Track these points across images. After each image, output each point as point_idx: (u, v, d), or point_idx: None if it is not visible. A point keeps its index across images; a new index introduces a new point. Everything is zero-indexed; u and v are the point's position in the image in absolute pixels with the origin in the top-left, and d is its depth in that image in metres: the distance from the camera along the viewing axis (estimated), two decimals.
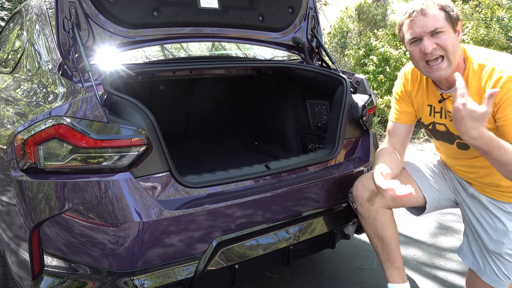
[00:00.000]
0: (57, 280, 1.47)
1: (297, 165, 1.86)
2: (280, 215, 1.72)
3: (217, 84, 2.81)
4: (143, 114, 1.49)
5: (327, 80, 2.18)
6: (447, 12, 1.47)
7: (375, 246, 1.85)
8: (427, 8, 1.47)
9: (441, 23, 1.46)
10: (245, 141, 2.93)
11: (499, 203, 1.64)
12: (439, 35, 1.47)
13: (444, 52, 1.47)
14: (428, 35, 1.47)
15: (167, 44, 2.34)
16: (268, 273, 2.35)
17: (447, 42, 1.46)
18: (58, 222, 1.40)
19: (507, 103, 1.42)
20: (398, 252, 1.82)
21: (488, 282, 1.69)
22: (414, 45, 1.52)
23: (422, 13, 1.47)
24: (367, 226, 1.82)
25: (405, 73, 1.78)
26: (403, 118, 1.81)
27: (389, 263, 1.82)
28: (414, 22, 1.49)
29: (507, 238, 1.62)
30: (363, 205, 1.78)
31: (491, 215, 1.66)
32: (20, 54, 2.06)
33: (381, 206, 1.77)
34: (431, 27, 1.46)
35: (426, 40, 1.47)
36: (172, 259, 1.48)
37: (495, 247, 1.64)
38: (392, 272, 1.82)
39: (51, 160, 1.39)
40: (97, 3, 1.77)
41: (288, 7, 2.30)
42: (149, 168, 1.48)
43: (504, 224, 1.62)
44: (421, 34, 1.49)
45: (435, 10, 1.47)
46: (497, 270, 1.66)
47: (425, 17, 1.47)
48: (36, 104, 1.62)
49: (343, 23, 9.52)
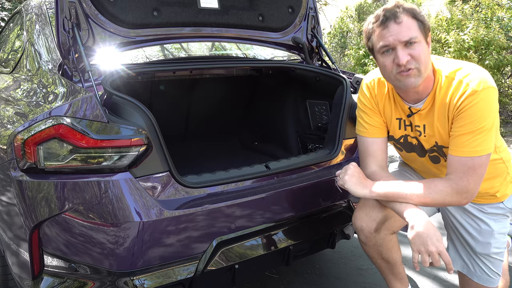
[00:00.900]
0: (57, 280, 1.47)
1: (297, 165, 1.86)
2: (280, 215, 1.72)
3: (217, 84, 2.81)
4: (143, 114, 1.49)
5: (327, 80, 2.18)
6: (420, 21, 1.38)
7: (379, 266, 1.77)
8: (400, 16, 1.37)
9: (416, 32, 1.37)
10: (245, 141, 2.93)
11: (478, 206, 1.63)
12: (413, 46, 1.37)
13: (417, 64, 1.38)
14: (401, 45, 1.37)
15: (167, 44, 2.34)
16: (268, 273, 2.35)
17: (421, 54, 1.37)
18: (58, 222, 1.40)
19: (461, 116, 1.38)
20: (401, 266, 1.77)
21: (479, 282, 1.69)
22: (386, 55, 1.42)
23: (396, 21, 1.37)
24: (371, 251, 1.71)
25: (368, 84, 1.66)
26: (376, 132, 1.65)
27: (393, 276, 1.78)
28: (387, 30, 1.38)
29: (493, 238, 1.62)
30: (369, 236, 1.65)
31: (474, 218, 1.64)
32: (20, 54, 2.06)
33: (387, 233, 1.66)
34: (406, 37, 1.36)
35: (400, 51, 1.37)
36: (172, 259, 1.48)
37: (483, 249, 1.64)
38: (396, 284, 1.79)
39: (51, 160, 1.39)
40: (97, 3, 1.77)
41: (288, 7, 2.30)
42: (149, 168, 1.48)
43: (488, 224, 1.62)
44: (394, 43, 1.38)
45: (409, 18, 1.37)
46: (487, 269, 1.66)
47: (399, 25, 1.36)
48: (36, 104, 1.62)
49: (343, 23, 9.52)
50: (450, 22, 5.73)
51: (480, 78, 1.37)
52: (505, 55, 5.24)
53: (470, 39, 5.08)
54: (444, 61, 1.50)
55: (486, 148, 1.38)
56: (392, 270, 1.76)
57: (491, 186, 1.58)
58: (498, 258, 1.65)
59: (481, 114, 1.35)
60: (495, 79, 5.24)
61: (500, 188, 1.59)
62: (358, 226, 1.66)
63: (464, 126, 1.38)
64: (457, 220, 1.70)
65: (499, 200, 1.61)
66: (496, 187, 1.59)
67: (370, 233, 1.64)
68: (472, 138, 1.37)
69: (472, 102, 1.35)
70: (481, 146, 1.37)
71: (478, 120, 1.36)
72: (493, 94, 1.37)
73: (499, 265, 1.67)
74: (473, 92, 1.35)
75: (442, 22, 5.81)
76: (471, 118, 1.36)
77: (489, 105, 1.36)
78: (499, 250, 1.64)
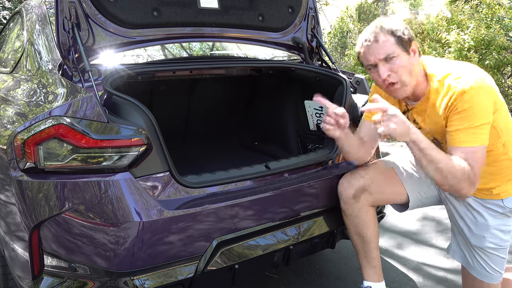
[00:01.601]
0: (57, 280, 1.47)
1: (297, 165, 1.86)
2: (280, 215, 1.72)
3: (217, 84, 2.81)
4: (143, 114, 1.49)
5: (327, 80, 2.18)
6: (397, 36, 1.51)
7: (354, 243, 1.87)
8: (378, 35, 1.52)
9: (392, 48, 1.50)
10: (245, 141, 2.93)
11: (479, 200, 1.65)
12: (392, 61, 1.51)
13: (399, 77, 1.52)
14: (382, 62, 1.52)
15: (167, 44, 2.34)
16: (268, 273, 2.36)
17: (399, 67, 1.51)
18: (58, 222, 1.40)
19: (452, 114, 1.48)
20: (376, 252, 1.85)
21: (477, 276, 1.70)
22: (372, 72, 1.57)
23: (374, 41, 1.52)
24: (349, 223, 1.84)
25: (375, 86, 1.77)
26: None
27: (366, 261, 1.85)
28: (368, 50, 1.54)
29: (488, 232, 1.63)
30: (347, 202, 1.80)
31: (471, 209, 1.67)
32: (20, 54, 2.06)
33: (365, 203, 1.79)
34: (383, 54, 1.51)
35: (381, 67, 1.53)
36: (172, 259, 1.48)
37: (477, 242, 1.66)
38: (369, 271, 1.86)
39: (51, 160, 1.39)
40: (97, 3, 1.77)
41: (288, 7, 2.30)
42: (149, 168, 1.48)
43: (484, 218, 1.63)
44: (375, 61, 1.53)
45: (385, 36, 1.51)
46: (485, 264, 1.67)
47: (377, 44, 1.52)
48: (36, 104, 1.62)
49: (343, 23, 9.53)
50: (451, 22, 5.72)
51: (468, 79, 1.46)
52: (505, 55, 5.23)
53: (470, 39, 5.08)
54: (439, 65, 1.59)
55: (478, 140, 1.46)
56: (366, 253, 1.83)
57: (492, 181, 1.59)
58: (497, 255, 1.65)
59: (472, 112, 1.44)
60: (495, 79, 5.23)
61: (500, 185, 1.60)
62: (339, 191, 1.82)
63: (457, 121, 1.48)
64: (457, 211, 1.73)
65: (499, 197, 1.61)
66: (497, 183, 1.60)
67: (348, 199, 1.78)
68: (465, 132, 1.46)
69: (462, 101, 1.45)
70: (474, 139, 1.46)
71: (470, 117, 1.45)
72: (483, 92, 1.45)
73: (500, 263, 1.66)
74: (462, 92, 1.45)
75: (442, 22, 5.81)
76: (462, 115, 1.46)
77: (478, 102, 1.44)
78: (497, 246, 1.64)
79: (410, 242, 2.79)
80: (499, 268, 1.67)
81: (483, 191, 1.62)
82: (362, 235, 1.82)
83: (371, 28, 1.56)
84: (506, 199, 1.61)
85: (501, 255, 1.66)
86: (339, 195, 1.82)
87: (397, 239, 2.84)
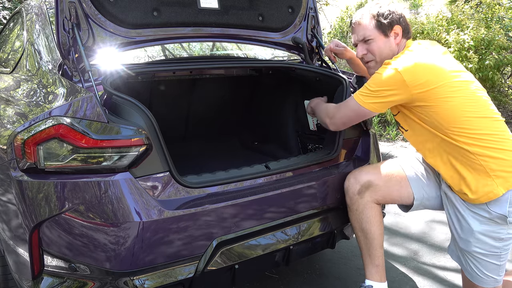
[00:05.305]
0: (57, 280, 1.47)
1: (297, 165, 1.87)
2: (280, 215, 1.72)
3: (217, 84, 2.81)
4: (143, 114, 1.49)
5: (327, 80, 2.18)
6: (378, 20, 1.72)
7: (358, 240, 1.87)
8: (361, 19, 1.76)
9: (370, 31, 1.73)
10: (245, 141, 2.93)
11: (465, 202, 1.63)
12: (369, 42, 1.75)
13: (373, 57, 1.76)
14: (361, 42, 1.78)
15: (167, 44, 2.34)
16: (268, 273, 2.36)
17: (375, 48, 1.74)
18: (58, 222, 1.40)
19: None
20: (380, 250, 1.84)
21: (471, 279, 1.70)
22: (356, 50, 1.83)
23: (358, 24, 1.77)
24: (353, 218, 1.85)
25: None
26: None
27: (369, 259, 1.84)
28: (353, 31, 1.81)
29: (473, 237, 1.61)
30: (353, 197, 1.82)
31: (457, 212, 1.67)
32: (20, 54, 2.06)
33: (370, 200, 1.80)
34: (361, 36, 1.76)
35: (359, 47, 1.79)
36: (172, 259, 1.48)
37: (464, 245, 1.66)
38: (371, 269, 1.85)
39: (51, 160, 1.39)
40: (97, 3, 1.77)
41: (288, 7, 2.30)
42: (149, 168, 1.48)
43: (468, 223, 1.62)
44: (355, 41, 1.81)
45: (367, 19, 1.74)
46: (476, 268, 1.66)
47: (359, 27, 1.77)
48: (36, 104, 1.62)
49: (343, 23, 9.52)
50: (451, 22, 5.71)
51: (394, 61, 1.62)
52: (505, 55, 5.22)
53: (470, 39, 5.07)
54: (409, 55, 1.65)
55: (362, 101, 1.67)
56: (370, 250, 1.83)
57: (462, 177, 1.57)
58: (487, 260, 1.62)
59: (375, 77, 1.65)
60: (495, 79, 5.21)
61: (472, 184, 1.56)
62: (346, 186, 1.85)
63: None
64: (448, 212, 1.74)
65: (479, 201, 1.57)
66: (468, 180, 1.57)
67: (354, 194, 1.82)
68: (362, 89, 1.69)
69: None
70: (362, 98, 1.67)
71: (370, 80, 1.67)
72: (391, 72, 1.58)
73: (492, 268, 1.63)
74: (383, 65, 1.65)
75: (442, 22, 5.80)
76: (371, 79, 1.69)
77: (381, 76, 1.61)
78: (486, 252, 1.61)
79: (410, 242, 2.79)
80: (492, 274, 1.63)
81: (460, 193, 1.62)
82: (365, 231, 1.82)
83: (360, 11, 1.78)
84: (490, 203, 1.56)
85: (492, 261, 1.62)
86: (345, 190, 1.84)
87: (397, 239, 2.84)
